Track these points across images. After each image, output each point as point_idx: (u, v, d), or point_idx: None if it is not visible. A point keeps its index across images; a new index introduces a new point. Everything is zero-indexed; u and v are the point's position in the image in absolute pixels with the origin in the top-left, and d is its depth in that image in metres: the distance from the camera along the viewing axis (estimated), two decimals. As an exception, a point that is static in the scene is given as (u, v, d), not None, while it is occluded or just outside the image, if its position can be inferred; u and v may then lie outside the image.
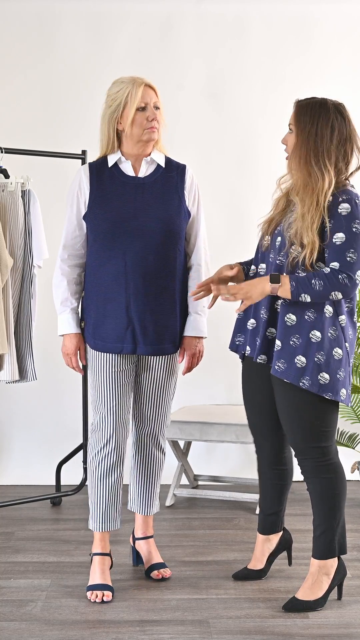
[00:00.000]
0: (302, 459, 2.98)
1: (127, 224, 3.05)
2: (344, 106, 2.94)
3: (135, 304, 3.06)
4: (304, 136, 2.88)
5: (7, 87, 4.70)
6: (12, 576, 3.31)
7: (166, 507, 4.21)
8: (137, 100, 3.01)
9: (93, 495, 3.18)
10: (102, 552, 3.18)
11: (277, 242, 2.96)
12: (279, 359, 2.90)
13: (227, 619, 2.92)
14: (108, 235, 3.06)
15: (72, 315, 3.16)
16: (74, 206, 3.12)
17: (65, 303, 3.16)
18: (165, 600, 3.07)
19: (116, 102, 3.04)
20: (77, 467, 4.49)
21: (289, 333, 2.89)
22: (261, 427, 3.14)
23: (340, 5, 4.77)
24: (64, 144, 4.43)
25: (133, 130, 3.05)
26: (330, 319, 2.88)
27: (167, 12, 4.74)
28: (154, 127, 3.05)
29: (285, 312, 2.90)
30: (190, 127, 4.79)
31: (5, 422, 4.74)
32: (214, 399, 4.82)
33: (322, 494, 2.96)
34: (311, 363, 2.86)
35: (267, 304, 2.95)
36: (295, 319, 2.89)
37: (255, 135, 4.77)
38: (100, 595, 3.06)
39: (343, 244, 2.82)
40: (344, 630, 2.85)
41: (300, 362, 2.86)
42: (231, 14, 4.75)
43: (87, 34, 4.72)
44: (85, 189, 3.10)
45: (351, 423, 4.55)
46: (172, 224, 3.09)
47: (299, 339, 2.87)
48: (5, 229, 3.77)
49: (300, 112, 2.91)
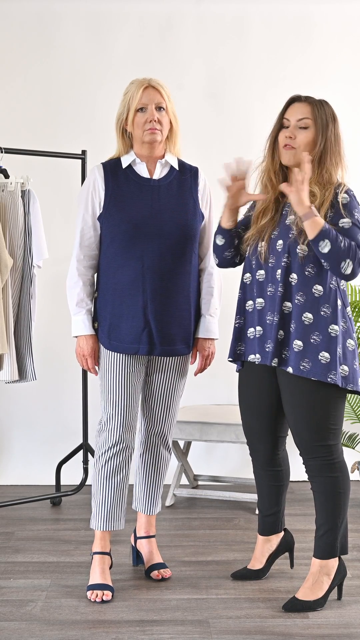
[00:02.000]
0: (309, 458, 2.97)
1: (145, 225, 3.06)
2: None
3: (152, 306, 3.06)
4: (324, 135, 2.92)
5: (7, 87, 4.70)
6: (12, 576, 3.31)
7: (166, 507, 4.21)
8: (136, 102, 3.04)
9: (98, 494, 3.16)
10: (102, 551, 3.18)
11: (279, 246, 2.95)
12: (302, 359, 2.89)
13: (227, 619, 2.92)
14: (126, 237, 3.05)
15: (87, 317, 3.13)
16: (88, 206, 3.11)
17: (81, 304, 3.13)
18: (165, 600, 3.07)
19: (123, 104, 3.10)
20: (77, 467, 4.49)
21: (308, 331, 2.89)
22: (258, 429, 3.13)
23: (340, 5, 4.77)
24: (64, 144, 4.43)
25: (135, 131, 3.08)
26: (341, 312, 2.92)
27: (167, 12, 4.74)
28: (154, 129, 3.05)
29: (301, 312, 2.90)
30: (190, 127, 4.78)
31: (5, 422, 4.74)
32: (214, 399, 4.82)
33: (328, 493, 2.96)
34: (335, 357, 2.87)
35: (276, 308, 2.94)
36: (312, 317, 2.89)
37: (255, 135, 4.76)
38: (100, 594, 3.06)
39: (351, 227, 2.86)
40: (344, 630, 2.85)
41: (324, 359, 2.87)
42: (231, 14, 4.75)
43: (87, 34, 4.72)
44: (101, 189, 3.09)
45: (351, 423, 4.55)
46: (188, 226, 3.11)
47: (319, 336, 2.88)
48: (5, 229, 3.77)
49: (318, 111, 2.93)
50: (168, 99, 3.09)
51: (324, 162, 2.92)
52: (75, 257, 3.13)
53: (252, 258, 3.05)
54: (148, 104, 3.04)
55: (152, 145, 3.09)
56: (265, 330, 2.99)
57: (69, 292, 3.14)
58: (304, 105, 2.94)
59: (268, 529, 3.24)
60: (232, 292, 3.48)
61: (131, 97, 3.05)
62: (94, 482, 3.19)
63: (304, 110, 2.93)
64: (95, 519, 3.18)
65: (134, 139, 3.11)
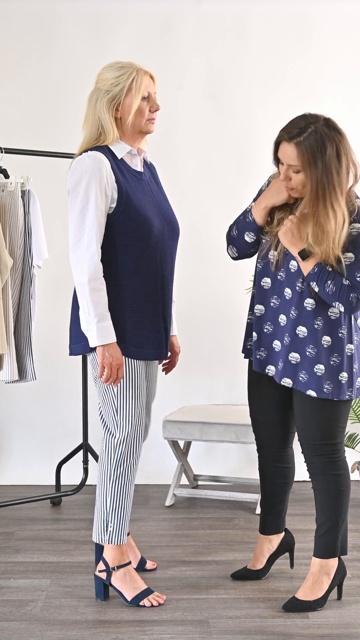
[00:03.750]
0: (313, 456, 2.98)
1: (161, 225, 2.96)
2: (331, 119, 2.80)
3: (166, 307, 3.01)
4: (315, 177, 2.72)
5: (7, 87, 4.70)
6: (12, 576, 3.31)
7: (166, 507, 4.21)
8: (142, 88, 2.86)
9: (120, 508, 2.98)
10: (129, 560, 3.08)
11: (292, 267, 2.89)
12: (300, 370, 2.91)
13: (227, 619, 2.92)
14: (145, 236, 2.89)
15: (111, 323, 2.86)
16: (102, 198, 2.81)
17: (106, 309, 2.82)
18: (165, 600, 3.07)
19: (118, 87, 2.86)
20: (77, 467, 4.49)
21: (303, 344, 2.90)
22: (267, 423, 3.12)
23: (340, 5, 4.77)
24: (64, 144, 4.43)
25: (135, 119, 2.89)
26: (338, 321, 2.90)
27: (167, 12, 4.74)
28: (154, 119, 2.94)
29: (295, 325, 2.90)
30: (190, 127, 4.79)
31: (5, 422, 4.74)
32: (214, 399, 4.82)
33: (330, 491, 2.97)
34: (329, 368, 2.89)
35: (289, 331, 2.92)
36: (307, 330, 2.89)
37: (255, 135, 4.77)
38: (157, 599, 3.02)
39: (352, 264, 2.81)
40: (344, 630, 2.85)
41: (319, 370, 2.89)
42: (231, 14, 4.75)
43: (87, 34, 4.72)
44: (111, 180, 2.84)
45: (351, 423, 4.54)
46: (177, 224, 3.08)
47: (313, 349, 2.89)
48: (5, 229, 3.77)
49: (303, 153, 2.72)
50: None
51: (327, 204, 2.74)
52: (94, 255, 2.80)
53: (260, 261, 3.00)
54: (152, 92, 2.92)
55: (144, 136, 2.98)
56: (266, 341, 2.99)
57: (95, 294, 2.79)
58: (290, 149, 2.74)
59: (270, 529, 3.24)
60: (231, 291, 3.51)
61: (134, 82, 2.85)
62: (112, 496, 2.98)
63: (291, 155, 2.74)
64: (116, 534, 3.00)
65: (129, 126, 2.90)
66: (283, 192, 2.88)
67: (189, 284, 4.65)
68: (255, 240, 2.98)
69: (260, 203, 2.92)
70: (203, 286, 4.70)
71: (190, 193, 4.76)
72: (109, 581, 3.03)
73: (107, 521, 3.00)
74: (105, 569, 3.03)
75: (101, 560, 3.06)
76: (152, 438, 4.67)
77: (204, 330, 4.77)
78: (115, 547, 3.02)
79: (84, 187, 2.81)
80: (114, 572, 3.02)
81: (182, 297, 4.47)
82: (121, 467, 2.97)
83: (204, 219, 4.74)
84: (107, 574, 3.03)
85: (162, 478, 4.65)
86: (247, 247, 3.01)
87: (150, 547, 3.62)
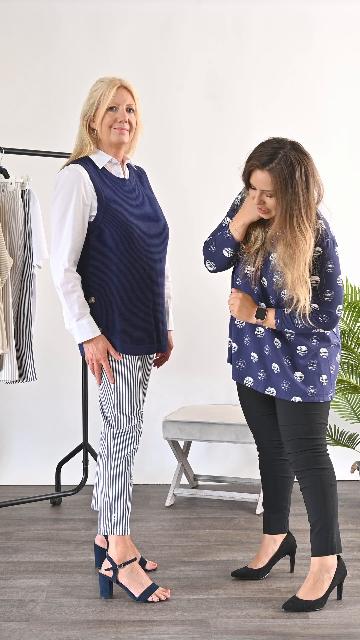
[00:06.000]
0: (298, 453, 3.02)
1: (145, 226, 3.09)
2: (297, 142, 2.88)
3: (157, 304, 3.13)
4: (285, 201, 2.81)
5: (7, 87, 4.71)
6: (12, 576, 3.31)
7: (166, 507, 4.22)
8: (108, 100, 3.01)
9: (121, 498, 3.07)
10: (134, 556, 3.12)
11: (264, 284, 2.99)
12: (282, 380, 3.00)
13: (227, 619, 2.92)
14: (131, 239, 3.03)
15: (92, 319, 3.02)
16: (78, 207, 3.00)
17: (84, 307, 3.01)
18: (165, 600, 3.07)
19: (91, 101, 3.06)
20: (77, 467, 4.49)
21: (281, 354, 2.99)
22: (260, 418, 3.19)
23: (340, 5, 4.77)
24: (64, 144, 4.42)
25: (102, 130, 3.05)
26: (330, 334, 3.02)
27: (167, 12, 4.74)
28: (123, 129, 3.04)
29: (273, 337, 3.00)
30: (190, 127, 4.80)
31: (5, 422, 4.74)
32: (214, 399, 4.82)
33: (318, 487, 3.00)
34: (308, 373, 2.99)
35: (268, 342, 3.02)
36: (280, 342, 3.00)
37: (255, 135, 4.76)
38: (163, 592, 3.07)
39: (318, 286, 2.92)
40: (344, 630, 2.85)
41: (299, 377, 2.99)
42: (231, 14, 4.75)
43: (87, 34, 4.72)
44: (90, 190, 3.01)
45: (351, 423, 4.55)
46: (165, 225, 3.20)
47: (289, 359, 2.99)
48: (5, 229, 3.77)
49: (276, 178, 2.80)
50: (137, 101, 3.08)
51: (296, 227, 2.83)
52: (66, 262, 3.00)
53: (239, 276, 3.07)
54: (120, 103, 3.03)
55: (119, 146, 3.09)
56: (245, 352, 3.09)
57: (68, 296, 3.00)
58: (263, 176, 2.83)
59: (275, 527, 3.24)
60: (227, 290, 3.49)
61: (102, 95, 3.01)
62: (116, 487, 3.07)
63: (264, 181, 2.83)
64: (120, 524, 3.07)
65: (101, 138, 3.07)
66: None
67: (189, 284, 4.66)
68: (233, 256, 3.08)
69: (238, 220, 3.01)
70: (203, 286, 4.70)
71: (190, 193, 4.76)
72: (115, 579, 3.07)
73: (111, 512, 3.07)
74: (111, 567, 3.07)
75: (106, 559, 3.09)
76: (152, 438, 4.68)
77: (204, 330, 4.78)
78: (121, 542, 3.07)
79: (61, 199, 3.03)
80: (120, 569, 3.06)
81: (182, 297, 4.48)
82: (119, 457, 3.08)
83: (204, 218, 4.73)
84: (113, 572, 3.07)
85: (162, 478, 4.66)
86: (225, 261, 3.11)
87: (150, 547, 3.62)
